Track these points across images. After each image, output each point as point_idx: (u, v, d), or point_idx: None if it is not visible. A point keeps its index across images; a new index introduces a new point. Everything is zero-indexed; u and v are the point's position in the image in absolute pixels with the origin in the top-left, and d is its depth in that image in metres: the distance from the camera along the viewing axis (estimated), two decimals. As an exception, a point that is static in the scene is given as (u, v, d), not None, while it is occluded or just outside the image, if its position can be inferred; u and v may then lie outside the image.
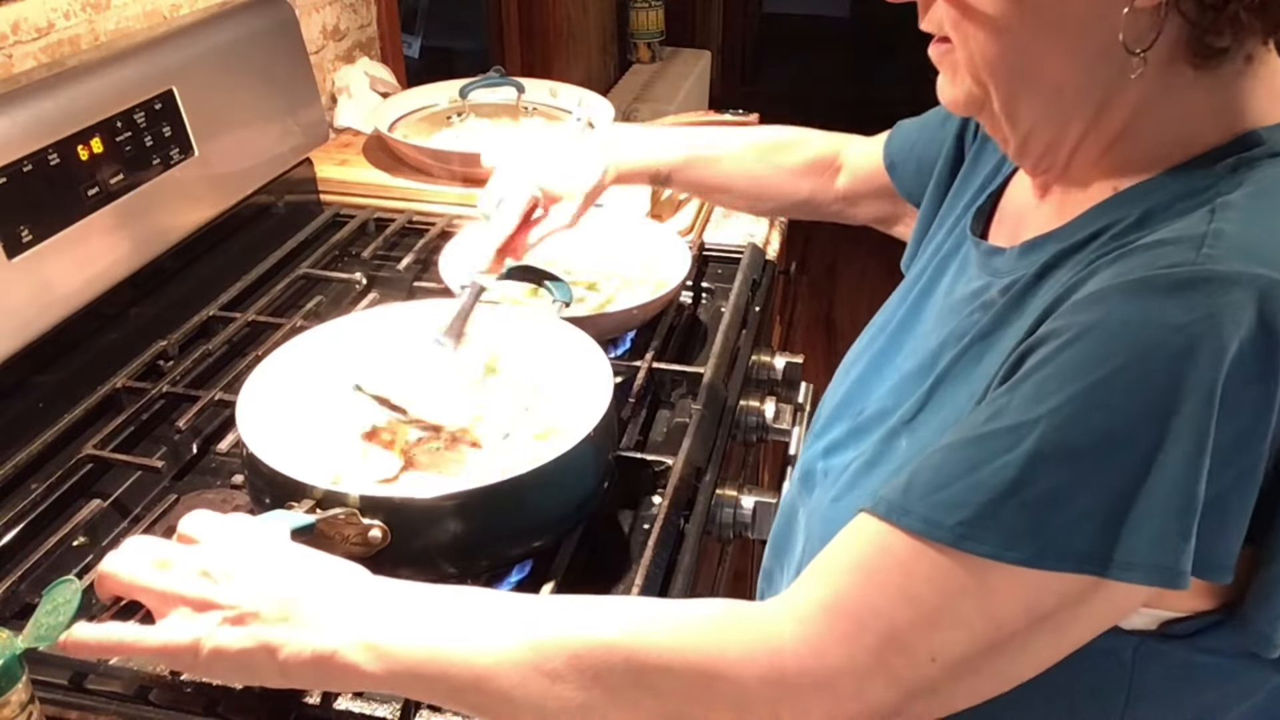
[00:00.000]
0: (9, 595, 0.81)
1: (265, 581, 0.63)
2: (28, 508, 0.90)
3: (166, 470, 0.96)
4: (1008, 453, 0.52)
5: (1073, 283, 0.56)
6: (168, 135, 1.15)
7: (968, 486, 0.53)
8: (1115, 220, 0.58)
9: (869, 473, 0.69)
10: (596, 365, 0.90)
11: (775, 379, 1.24)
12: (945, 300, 0.74)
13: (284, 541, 0.67)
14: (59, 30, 1.17)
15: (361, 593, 0.63)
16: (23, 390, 1.00)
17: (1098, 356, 0.50)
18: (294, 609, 0.61)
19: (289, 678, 0.61)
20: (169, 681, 0.74)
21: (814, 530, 0.74)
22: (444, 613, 0.61)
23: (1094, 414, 0.50)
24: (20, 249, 0.96)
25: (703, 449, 0.99)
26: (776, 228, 1.51)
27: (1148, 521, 0.50)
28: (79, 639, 0.64)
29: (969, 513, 0.52)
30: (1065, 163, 0.64)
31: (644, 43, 3.99)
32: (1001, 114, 0.63)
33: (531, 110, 1.66)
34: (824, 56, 6.26)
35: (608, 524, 0.92)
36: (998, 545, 0.51)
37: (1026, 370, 0.53)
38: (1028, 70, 0.60)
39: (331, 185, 1.50)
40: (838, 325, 3.69)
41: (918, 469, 0.55)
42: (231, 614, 0.61)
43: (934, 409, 0.66)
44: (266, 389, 0.86)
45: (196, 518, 0.69)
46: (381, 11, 1.86)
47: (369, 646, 0.59)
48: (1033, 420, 0.51)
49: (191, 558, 0.65)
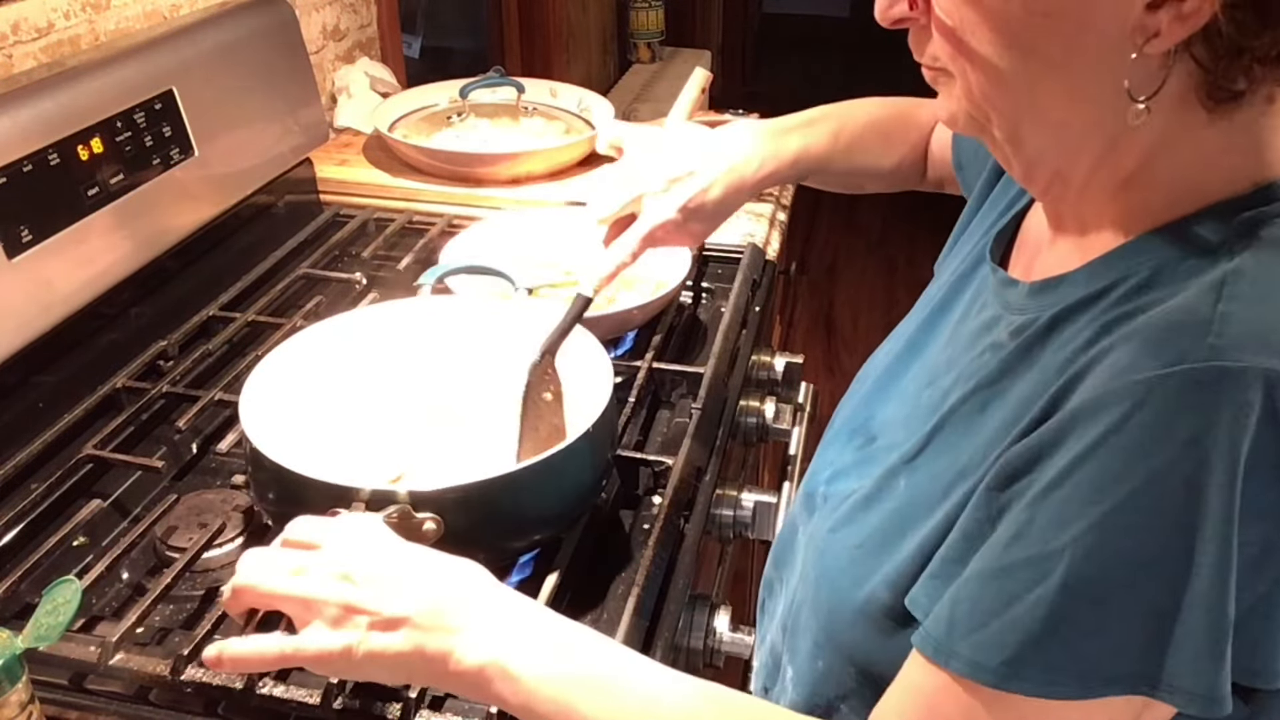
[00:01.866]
0: (9, 595, 0.81)
1: (409, 584, 0.62)
2: (28, 508, 0.90)
3: (166, 470, 0.96)
4: (1038, 586, 0.51)
5: (1083, 365, 0.54)
6: (168, 135, 1.15)
7: (1005, 626, 0.52)
8: (1125, 275, 0.57)
9: (868, 509, 0.68)
10: (597, 362, 0.90)
11: (775, 379, 1.24)
12: (959, 326, 0.72)
13: (403, 542, 0.67)
14: (59, 30, 1.17)
15: (504, 602, 0.63)
16: (23, 390, 1.00)
17: (1113, 476, 0.50)
18: (445, 616, 0.61)
19: (444, 682, 0.62)
20: (169, 681, 0.74)
21: (810, 557, 0.73)
22: (594, 647, 0.62)
23: (1117, 541, 0.50)
24: (20, 249, 0.96)
25: (703, 449, 0.99)
26: (776, 228, 1.51)
27: (1186, 643, 0.50)
28: (234, 654, 0.62)
29: (1010, 653, 0.52)
30: (1077, 195, 0.61)
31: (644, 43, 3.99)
32: (1005, 142, 0.61)
33: (531, 110, 1.66)
34: (824, 56, 6.26)
35: (608, 524, 0.92)
36: (1041, 683, 0.52)
37: (1046, 486, 0.52)
38: (1030, 107, 0.58)
39: (331, 185, 1.50)
40: (838, 325, 3.69)
41: (956, 601, 0.55)
42: (379, 618, 0.61)
43: (934, 453, 0.65)
44: (268, 388, 0.86)
45: (305, 523, 0.68)
46: (381, 11, 1.86)
47: (519, 665, 0.60)
48: (1058, 551, 0.51)
49: (326, 562, 0.64)
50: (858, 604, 0.65)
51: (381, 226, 1.39)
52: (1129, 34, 0.52)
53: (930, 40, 0.60)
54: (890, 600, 0.62)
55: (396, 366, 0.96)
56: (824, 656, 0.69)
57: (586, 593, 0.84)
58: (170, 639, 0.81)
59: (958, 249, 0.82)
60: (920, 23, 0.60)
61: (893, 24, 0.62)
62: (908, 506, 0.64)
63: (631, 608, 0.79)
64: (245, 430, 0.79)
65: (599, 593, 0.84)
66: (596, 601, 0.83)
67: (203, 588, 0.86)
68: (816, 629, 0.70)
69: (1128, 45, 0.53)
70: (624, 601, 0.80)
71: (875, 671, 0.64)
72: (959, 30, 0.57)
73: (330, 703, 0.72)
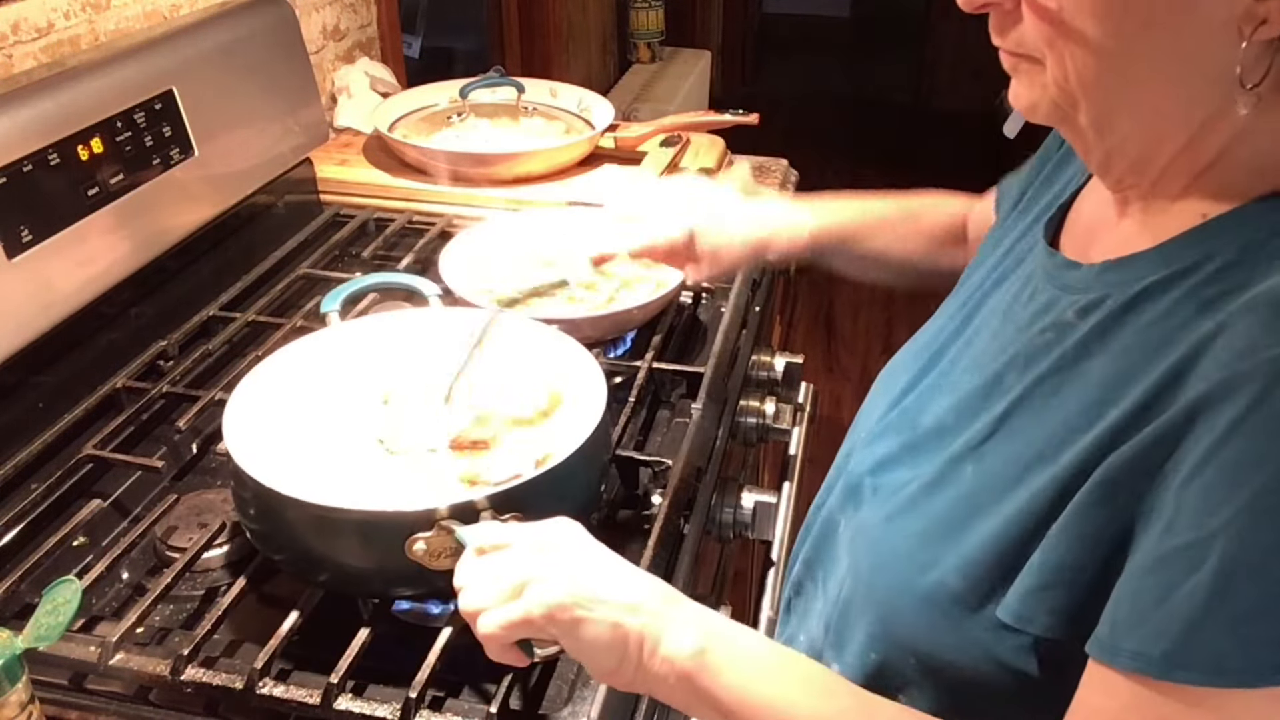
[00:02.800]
0: (9, 595, 0.81)
1: (619, 572, 0.65)
2: (28, 508, 0.90)
3: (166, 470, 0.96)
4: (1195, 572, 0.51)
5: (1188, 347, 0.54)
6: (168, 135, 1.15)
7: (1165, 616, 0.51)
8: (1210, 254, 0.56)
9: (931, 495, 0.67)
10: (589, 373, 0.89)
11: (775, 379, 1.24)
12: (1009, 313, 0.71)
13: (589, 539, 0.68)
14: (59, 30, 1.17)
15: (701, 612, 0.64)
16: (23, 390, 1.00)
17: (1257, 456, 0.49)
18: (657, 603, 0.63)
19: (649, 675, 0.63)
20: (169, 681, 0.74)
21: (861, 548, 0.72)
22: (780, 662, 0.64)
23: (1269, 519, 0.49)
24: (20, 249, 0.96)
25: (703, 449, 0.99)
26: (776, 228, 1.51)
27: None
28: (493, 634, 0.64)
29: (1172, 642, 0.51)
30: (1152, 182, 0.61)
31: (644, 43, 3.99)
32: (1090, 129, 0.60)
33: (531, 110, 1.66)
34: (824, 56, 6.26)
35: (608, 524, 0.92)
36: (1208, 671, 0.51)
37: (1187, 474, 0.52)
38: (1126, 93, 0.57)
39: (331, 185, 1.50)
40: (838, 325, 3.69)
41: (1116, 603, 0.55)
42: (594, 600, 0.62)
43: (1005, 437, 0.64)
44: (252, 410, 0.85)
45: (488, 528, 0.69)
46: (381, 11, 1.86)
47: (729, 656, 0.61)
48: (1210, 535, 0.50)
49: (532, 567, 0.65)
50: (923, 591, 0.64)
51: (381, 226, 1.39)
52: (1236, 20, 0.52)
53: (1016, 25, 0.59)
54: (958, 586, 0.62)
55: (389, 379, 0.95)
56: (879, 649, 0.68)
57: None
58: (170, 639, 0.81)
59: (986, 253, 0.81)
60: (1006, 6, 0.59)
61: (977, 9, 0.61)
62: (977, 494, 0.64)
63: (631, 608, 0.78)
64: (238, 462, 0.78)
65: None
66: (596, 601, 0.83)
67: (203, 588, 0.86)
68: (872, 620, 0.69)
69: (1233, 32, 0.53)
70: (624, 601, 0.80)
71: (938, 661, 0.64)
72: (1059, 13, 0.56)
73: (330, 703, 0.72)
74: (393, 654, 0.76)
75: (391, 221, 1.40)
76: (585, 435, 0.80)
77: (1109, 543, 0.55)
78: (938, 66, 5.33)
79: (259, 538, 0.81)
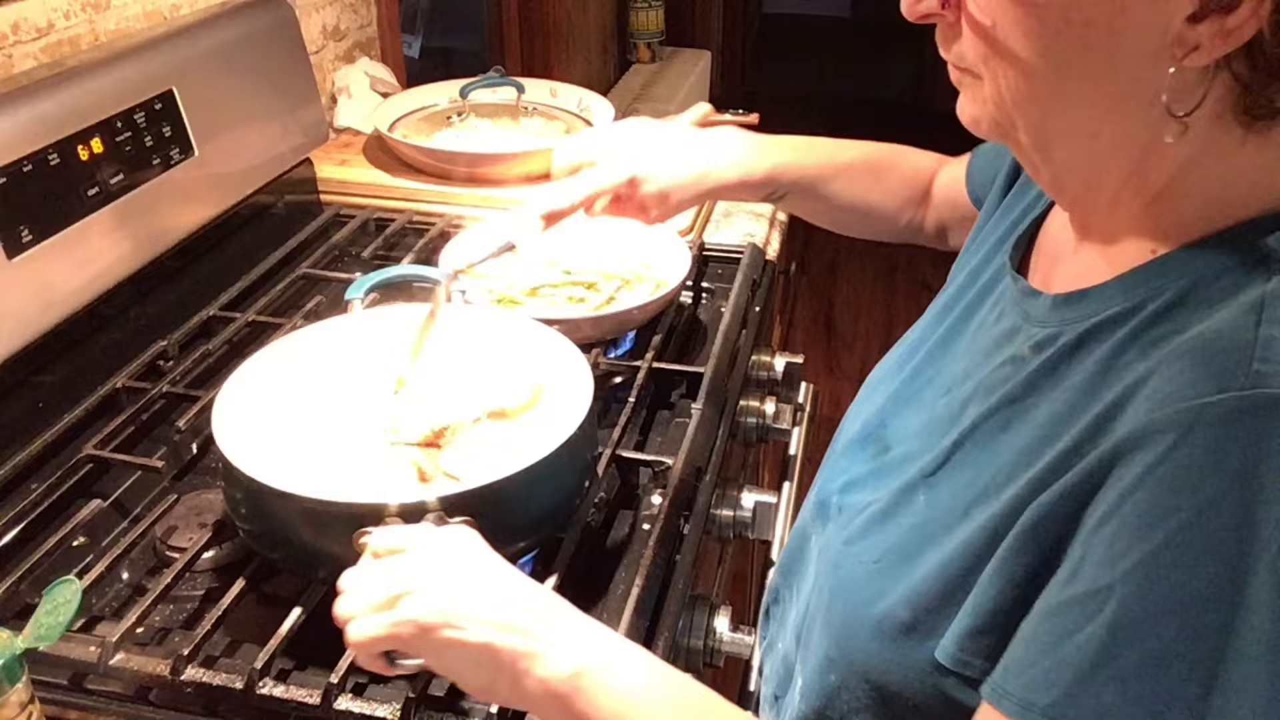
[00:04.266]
0: (9, 595, 0.81)
1: (495, 590, 0.63)
2: (28, 508, 0.90)
3: (166, 470, 0.95)
4: (1089, 623, 0.49)
5: (1121, 389, 0.53)
6: (168, 135, 1.15)
7: (1055, 664, 0.51)
8: (1158, 291, 0.55)
9: (884, 523, 0.67)
10: (577, 368, 0.89)
11: (775, 379, 1.24)
12: (977, 334, 0.71)
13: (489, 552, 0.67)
14: (59, 30, 1.17)
15: (589, 623, 0.63)
16: (23, 390, 1.00)
17: (1162, 511, 0.48)
18: (532, 622, 0.61)
19: (524, 693, 0.61)
20: (169, 681, 0.74)
21: (823, 569, 0.72)
22: (663, 683, 0.62)
23: (1166, 576, 0.48)
24: (20, 249, 0.96)
25: (703, 449, 0.99)
26: (776, 228, 1.51)
27: (1247, 684, 0.47)
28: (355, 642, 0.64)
29: (1059, 692, 0.50)
30: (1107, 206, 0.60)
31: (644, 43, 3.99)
32: (1031, 149, 0.60)
33: (531, 110, 1.66)
34: (824, 56, 6.26)
35: (608, 524, 0.92)
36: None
37: (1095, 523, 0.51)
38: (1061, 115, 0.57)
39: (331, 185, 1.50)
40: (838, 325, 3.69)
41: (1014, 644, 0.54)
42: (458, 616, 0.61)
43: (955, 468, 0.64)
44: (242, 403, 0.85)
45: (388, 533, 0.68)
46: (381, 11, 1.86)
47: (609, 678, 0.60)
48: (1108, 586, 0.49)
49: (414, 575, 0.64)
50: (874, 620, 0.64)
51: (381, 226, 1.39)
52: (1168, 46, 0.51)
53: (959, 38, 0.59)
54: (907, 617, 0.61)
55: (378, 375, 0.95)
56: (836, 670, 0.68)
57: (586, 593, 0.84)
58: (170, 639, 0.81)
59: (970, 253, 0.80)
60: (949, 19, 0.59)
61: (919, 19, 0.60)
62: (927, 524, 0.63)
63: (631, 608, 0.79)
64: (226, 455, 0.78)
65: (599, 593, 0.84)
66: (596, 601, 0.83)
67: (203, 588, 0.86)
68: (829, 643, 0.69)
69: (1165, 58, 0.51)
70: (624, 601, 0.80)
71: (889, 689, 0.63)
72: (993, 30, 0.55)
73: (330, 703, 0.72)
74: (393, 654, 0.76)
75: (391, 221, 1.40)
76: (555, 443, 0.79)
77: (1034, 588, 0.54)
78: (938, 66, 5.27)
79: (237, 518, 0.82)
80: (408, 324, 0.96)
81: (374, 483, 0.85)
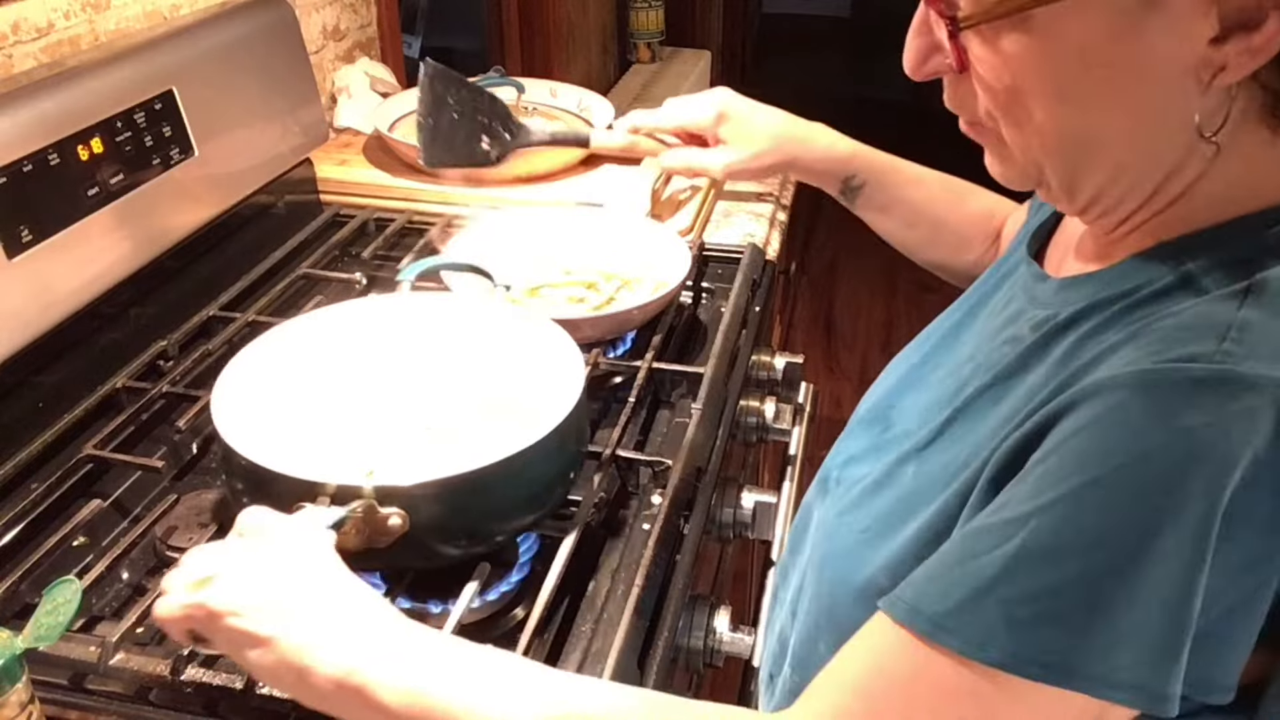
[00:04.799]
0: (9, 595, 0.81)
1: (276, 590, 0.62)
2: (28, 508, 0.90)
3: (166, 470, 0.95)
4: (997, 548, 0.50)
5: (1090, 357, 0.54)
6: (168, 135, 1.15)
7: (952, 580, 0.51)
8: (1151, 279, 0.56)
9: (875, 494, 0.68)
10: (569, 357, 0.89)
11: (775, 379, 1.24)
12: (988, 319, 0.72)
13: (323, 554, 0.66)
14: (59, 30, 1.17)
15: (378, 622, 0.62)
16: (23, 390, 1.00)
17: (1099, 453, 0.48)
18: (296, 621, 0.61)
19: (307, 695, 0.61)
20: (169, 681, 0.74)
21: (818, 540, 0.73)
22: (453, 664, 0.60)
23: (1085, 514, 0.48)
24: (20, 249, 0.96)
25: (703, 449, 0.99)
26: (776, 228, 1.51)
27: (1134, 635, 0.47)
28: None
29: (949, 605, 0.51)
30: (1121, 220, 0.61)
31: (644, 43, 3.99)
32: (1060, 191, 0.60)
33: (531, 110, 1.66)
34: (824, 56, 6.26)
35: (608, 524, 0.92)
36: (969, 642, 0.50)
37: (1034, 461, 0.52)
38: (1091, 155, 0.57)
39: (331, 185, 1.50)
40: (838, 325, 3.69)
41: (924, 563, 0.55)
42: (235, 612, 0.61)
43: (946, 442, 0.64)
44: (242, 383, 0.85)
45: (254, 515, 0.68)
46: (381, 11, 1.86)
47: (375, 680, 0.58)
48: (1025, 515, 0.50)
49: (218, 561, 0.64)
50: (857, 588, 0.65)
51: (381, 226, 1.39)
52: (1193, 71, 0.51)
53: (970, 95, 0.58)
54: (886, 585, 0.62)
55: (372, 363, 0.95)
56: (824, 639, 0.69)
57: (586, 593, 0.84)
58: (170, 639, 0.81)
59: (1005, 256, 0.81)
60: (956, 74, 0.58)
61: (925, 78, 0.60)
62: (913, 494, 0.64)
63: (631, 608, 0.79)
64: (216, 425, 0.78)
65: (599, 593, 0.84)
66: (596, 601, 0.83)
67: (203, 588, 0.86)
68: (818, 612, 0.70)
69: (1193, 82, 0.52)
70: (624, 601, 0.80)
71: None
72: (1014, 87, 0.55)
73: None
74: (393, 654, 0.76)
75: (391, 221, 1.40)
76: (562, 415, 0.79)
77: None
78: (938, 66, 5.32)
79: None
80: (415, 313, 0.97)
81: (348, 462, 0.85)
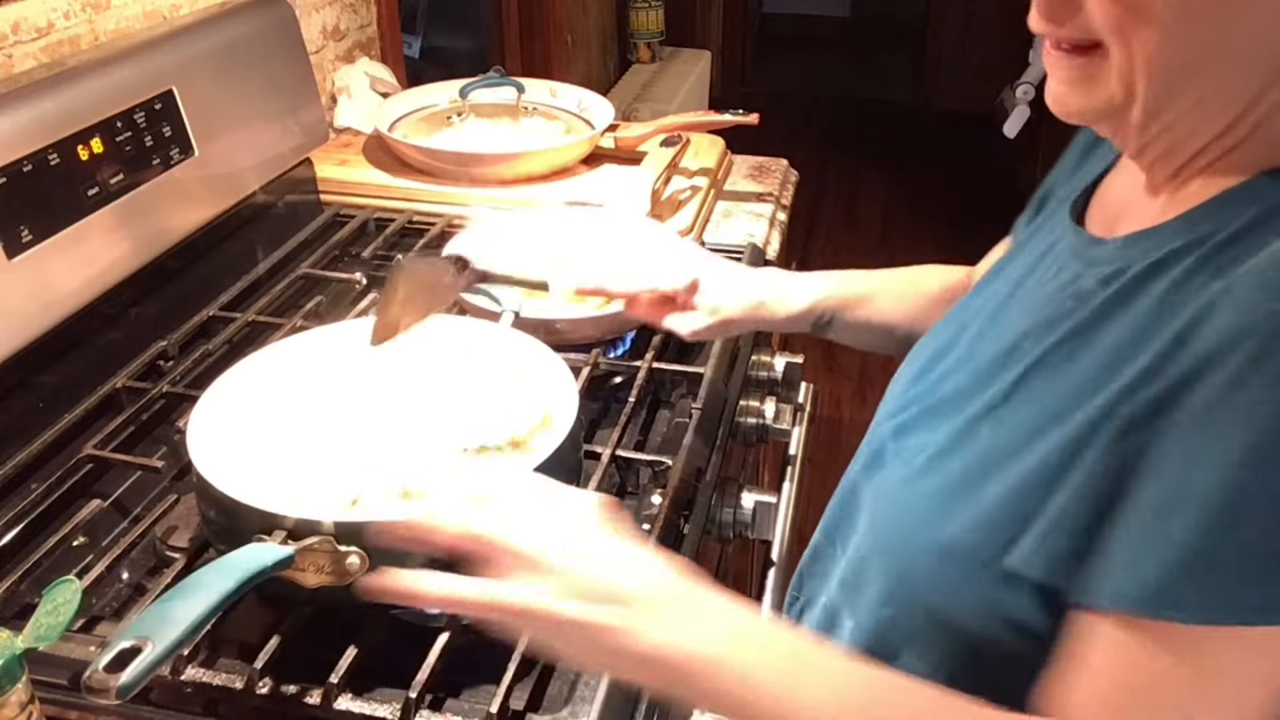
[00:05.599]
0: (9, 595, 0.81)
1: (612, 560, 0.61)
2: (28, 508, 0.90)
3: (166, 470, 0.95)
4: (1186, 516, 0.51)
5: (1200, 305, 0.54)
6: (168, 135, 1.15)
7: (1155, 557, 0.52)
8: (1225, 223, 0.57)
9: (948, 458, 0.68)
10: (558, 375, 0.89)
11: (775, 379, 1.24)
12: (1034, 291, 0.72)
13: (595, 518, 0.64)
14: (59, 30, 1.17)
15: (709, 603, 0.62)
16: (23, 390, 1.00)
17: (1258, 406, 0.50)
18: (666, 600, 0.61)
19: (640, 668, 0.60)
20: (169, 681, 0.74)
21: (880, 507, 0.73)
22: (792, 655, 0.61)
23: (1267, 469, 0.50)
24: (20, 249, 0.96)
25: (703, 449, 0.99)
26: (776, 228, 1.51)
27: None
28: (420, 591, 0.60)
29: (1162, 582, 0.52)
30: (1181, 164, 0.62)
31: (644, 43, 3.99)
32: (1138, 119, 0.60)
33: (531, 110, 1.66)
34: (824, 56, 6.26)
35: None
36: (1194, 609, 0.51)
37: (1188, 423, 0.53)
38: (1190, 79, 0.57)
39: (331, 185, 1.50)
40: (838, 325, 3.68)
41: (1111, 552, 0.55)
42: (581, 587, 0.59)
43: (1021, 400, 0.65)
44: (217, 414, 0.85)
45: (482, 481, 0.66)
46: (381, 11, 1.86)
47: (726, 662, 0.59)
48: (1205, 480, 0.51)
49: (520, 514, 0.62)
50: (937, 546, 0.65)
51: (381, 226, 1.40)
52: None
53: (1074, 11, 0.58)
54: (971, 541, 0.62)
55: (359, 388, 0.94)
56: (893, 603, 0.69)
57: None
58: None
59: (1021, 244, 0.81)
60: None
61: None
62: (991, 452, 0.64)
63: (631, 608, 0.78)
64: (196, 463, 0.78)
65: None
66: (596, 601, 0.83)
67: (203, 588, 0.86)
68: (887, 576, 0.70)
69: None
70: (624, 601, 0.80)
71: (947, 616, 0.64)
72: (1135, 2, 0.55)
73: (330, 703, 0.72)
74: (393, 654, 0.76)
75: (391, 221, 1.40)
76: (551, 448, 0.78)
77: (1109, 496, 0.56)
78: (938, 66, 5.33)
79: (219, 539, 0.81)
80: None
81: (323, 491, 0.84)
